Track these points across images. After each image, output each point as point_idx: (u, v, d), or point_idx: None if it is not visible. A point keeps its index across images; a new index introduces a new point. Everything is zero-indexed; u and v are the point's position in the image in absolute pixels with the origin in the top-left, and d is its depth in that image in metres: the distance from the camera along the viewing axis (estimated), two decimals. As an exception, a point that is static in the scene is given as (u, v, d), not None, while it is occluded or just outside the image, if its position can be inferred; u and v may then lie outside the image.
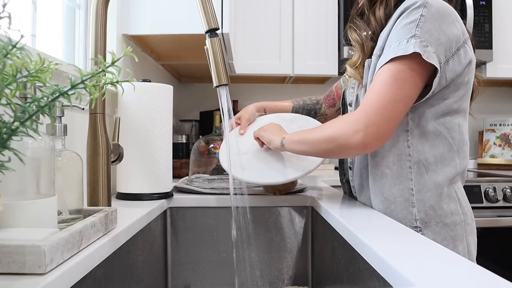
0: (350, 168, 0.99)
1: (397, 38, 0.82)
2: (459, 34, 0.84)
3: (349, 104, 0.99)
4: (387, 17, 0.90)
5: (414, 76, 0.80)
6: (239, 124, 1.18)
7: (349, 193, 1.05)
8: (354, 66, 0.94)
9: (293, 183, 1.11)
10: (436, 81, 0.80)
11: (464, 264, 0.52)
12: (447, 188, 0.86)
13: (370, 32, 0.92)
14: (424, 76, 0.81)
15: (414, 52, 0.77)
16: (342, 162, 1.06)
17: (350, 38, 0.96)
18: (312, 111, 1.26)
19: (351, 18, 0.98)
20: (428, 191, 0.85)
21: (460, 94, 0.86)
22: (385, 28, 0.89)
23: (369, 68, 0.90)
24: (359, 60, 0.93)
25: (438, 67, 0.79)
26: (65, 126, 0.65)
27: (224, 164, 1.06)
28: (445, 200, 0.86)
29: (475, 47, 0.92)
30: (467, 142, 0.90)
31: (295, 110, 1.27)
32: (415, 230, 0.83)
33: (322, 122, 1.15)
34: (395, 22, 0.85)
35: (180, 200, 1.10)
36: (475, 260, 0.88)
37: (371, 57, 0.90)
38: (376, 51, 0.88)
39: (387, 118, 0.79)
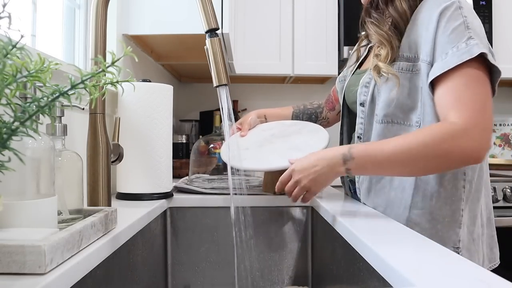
0: None
1: (452, 43, 0.78)
2: (484, 30, 0.83)
3: (360, 104, 0.94)
4: (411, 10, 0.87)
5: (485, 76, 0.77)
6: (240, 130, 1.17)
7: (352, 194, 1.04)
8: (387, 62, 0.87)
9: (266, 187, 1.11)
10: (497, 84, 0.78)
11: (464, 264, 0.52)
12: (479, 201, 0.84)
13: (392, 27, 0.87)
14: (489, 79, 0.78)
15: (479, 54, 0.74)
16: None
17: (371, 33, 0.90)
18: (313, 115, 1.24)
19: (366, 11, 0.93)
20: (472, 211, 0.82)
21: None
22: (415, 28, 0.85)
23: (403, 71, 0.85)
24: (389, 57, 0.87)
25: (500, 70, 0.77)
26: (65, 126, 0.65)
27: (224, 157, 1.06)
28: (478, 213, 0.84)
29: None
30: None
31: (295, 115, 1.25)
32: (456, 251, 0.80)
33: (324, 127, 1.13)
34: (437, 25, 0.80)
35: (180, 200, 1.10)
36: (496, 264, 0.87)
37: (397, 54, 0.86)
38: (423, 56, 0.83)
39: (490, 118, 0.73)
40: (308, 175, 0.81)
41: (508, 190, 1.75)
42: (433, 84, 0.81)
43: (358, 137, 0.95)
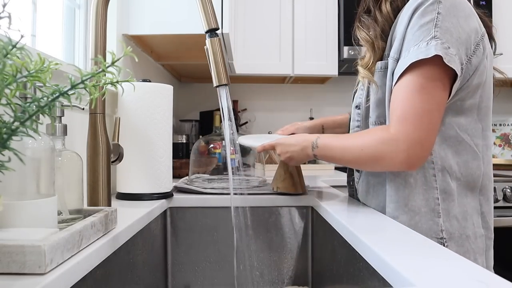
0: (358, 171, 0.97)
1: (416, 41, 0.77)
2: (476, 28, 0.79)
3: (356, 106, 0.95)
4: (395, 12, 0.86)
5: (442, 80, 0.75)
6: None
7: (355, 196, 1.03)
8: (367, 67, 0.89)
9: (294, 187, 1.11)
10: (456, 86, 0.76)
11: (464, 264, 0.52)
12: (471, 199, 0.82)
13: (379, 30, 0.88)
14: (449, 79, 0.76)
15: (435, 55, 0.73)
16: None
17: (359, 38, 0.91)
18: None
19: (358, 16, 0.93)
20: (452, 200, 0.81)
21: (481, 95, 0.82)
22: (396, 26, 0.84)
23: (382, 70, 0.86)
24: (371, 60, 0.88)
25: (459, 73, 0.75)
26: (65, 126, 0.65)
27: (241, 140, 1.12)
28: (470, 211, 0.82)
29: (494, 40, 0.88)
30: (491, 147, 0.86)
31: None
32: (441, 242, 0.79)
33: None
34: (409, 20, 0.80)
35: (180, 200, 1.10)
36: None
37: (382, 58, 0.87)
38: (392, 53, 0.83)
39: (427, 131, 0.75)
40: (286, 152, 0.95)
41: (508, 190, 1.75)
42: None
43: None
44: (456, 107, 0.81)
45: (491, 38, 0.88)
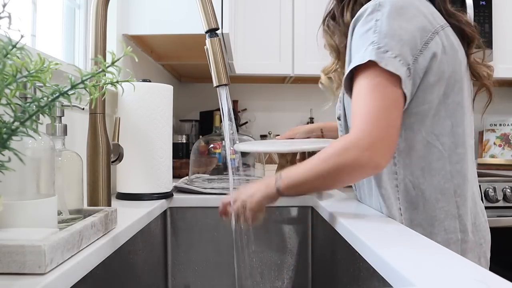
0: None
1: (356, 49, 0.78)
2: (424, 26, 0.77)
3: (338, 118, 0.94)
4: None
5: (389, 80, 0.74)
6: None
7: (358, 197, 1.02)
8: (328, 73, 0.88)
9: None
10: (405, 87, 0.75)
11: (464, 264, 0.52)
12: (444, 203, 0.80)
13: (343, 38, 0.87)
14: (396, 81, 0.75)
15: (369, 60, 0.73)
16: None
17: (325, 42, 0.92)
18: None
19: (324, 20, 0.93)
20: (415, 209, 0.80)
21: (444, 91, 0.79)
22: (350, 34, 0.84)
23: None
24: (333, 66, 0.87)
25: (402, 74, 0.73)
26: (65, 126, 0.65)
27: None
28: (441, 216, 0.79)
29: (477, 39, 0.86)
30: (462, 144, 0.82)
31: None
32: None
33: None
34: (352, 33, 0.81)
35: (180, 200, 1.10)
36: None
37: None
38: (346, 63, 0.83)
39: (386, 127, 0.73)
40: (245, 192, 0.84)
41: (508, 190, 1.75)
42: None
43: None
44: (422, 111, 0.79)
45: (464, 36, 0.86)
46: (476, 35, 0.87)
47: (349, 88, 0.80)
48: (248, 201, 0.83)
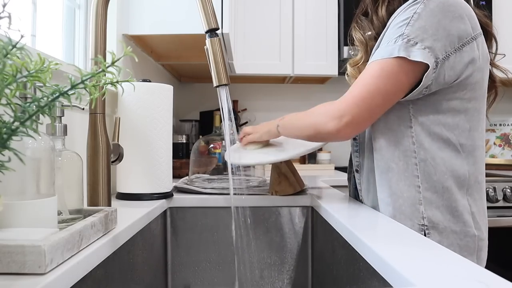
0: (357, 171, 0.98)
1: (388, 37, 0.81)
2: (465, 29, 0.80)
3: None
4: (390, 16, 0.88)
5: (399, 73, 0.79)
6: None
7: (353, 193, 1.03)
8: (355, 65, 0.93)
9: (291, 186, 1.11)
10: (428, 75, 0.78)
11: (464, 264, 0.52)
12: (460, 196, 0.82)
13: (374, 33, 0.90)
14: (413, 73, 0.79)
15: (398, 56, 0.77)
16: (350, 159, 1.05)
17: (354, 38, 0.94)
18: None
19: (356, 17, 0.96)
20: (435, 192, 0.82)
21: (468, 96, 0.82)
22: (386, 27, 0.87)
23: None
24: (361, 60, 0.91)
25: (431, 64, 0.76)
26: (65, 126, 0.65)
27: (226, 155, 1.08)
28: (460, 208, 0.82)
29: (496, 40, 0.90)
30: (479, 148, 0.85)
31: None
32: (422, 229, 0.81)
33: None
34: (392, 20, 0.84)
35: (180, 200, 1.10)
36: None
37: None
38: (373, 50, 0.87)
39: (363, 110, 0.80)
40: (255, 130, 1.06)
41: (508, 190, 1.75)
42: None
43: (353, 138, 0.99)
44: (441, 106, 0.83)
45: (490, 38, 0.89)
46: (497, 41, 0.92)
47: None
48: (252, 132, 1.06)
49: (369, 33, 0.91)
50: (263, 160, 1.04)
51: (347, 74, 0.97)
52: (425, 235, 0.81)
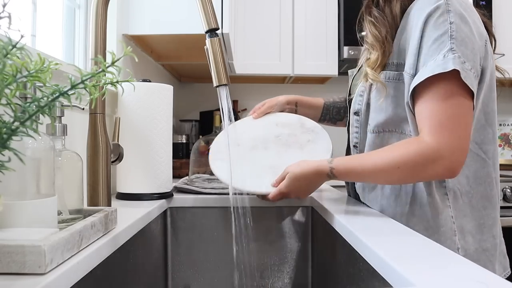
0: None
1: (432, 55, 0.75)
2: (482, 32, 0.78)
3: (355, 113, 0.92)
4: (402, 13, 0.83)
5: (462, 89, 0.73)
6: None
7: (354, 194, 1.03)
8: (374, 67, 0.85)
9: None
10: (475, 103, 0.75)
11: (464, 264, 0.52)
12: (491, 210, 0.82)
13: (389, 31, 0.84)
14: (469, 91, 0.74)
15: (453, 69, 0.71)
16: None
17: (369, 32, 0.86)
18: (341, 110, 1.17)
19: (367, 7, 0.88)
20: (464, 216, 0.80)
21: (485, 99, 0.81)
22: (404, 34, 0.81)
23: (390, 81, 0.83)
24: (378, 62, 0.84)
25: (474, 90, 0.73)
26: (65, 126, 0.65)
27: (211, 152, 1.03)
28: (489, 222, 0.81)
29: (495, 38, 0.87)
30: (498, 150, 0.85)
31: (326, 107, 1.18)
32: None
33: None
34: (422, 34, 0.77)
35: (180, 200, 1.10)
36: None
37: (385, 65, 0.84)
38: (407, 69, 0.80)
39: (465, 136, 0.73)
40: (300, 190, 0.90)
41: (508, 190, 1.75)
42: (413, 98, 0.79)
43: (354, 146, 0.94)
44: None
45: (491, 36, 0.87)
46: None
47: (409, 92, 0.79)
48: (302, 195, 0.91)
49: (385, 30, 0.84)
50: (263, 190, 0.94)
51: (370, 78, 0.85)
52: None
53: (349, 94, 1.03)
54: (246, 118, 1.10)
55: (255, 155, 1.01)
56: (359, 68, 1.02)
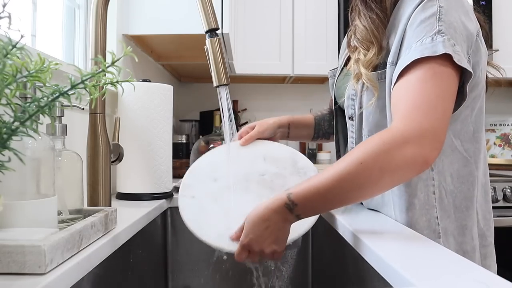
0: None
1: (418, 36, 0.69)
2: (475, 26, 0.74)
3: (349, 118, 0.88)
4: (392, 8, 0.79)
5: (450, 73, 0.67)
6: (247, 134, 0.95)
7: None
8: (370, 65, 0.77)
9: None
10: (469, 86, 0.69)
11: (464, 264, 0.52)
12: (472, 210, 0.77)
13: (382, 27, 0.78)
14: (457, 78, 0.68)
15: (444, 53, 0.65)
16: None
17: (361, 25, 0.79)
18: (332, 121, 1.07)
19: (356, 5, 0.82)
20: (448, 217, 0.76)
21: (475, 95, 0.76)
22: (392, 28, 0.77)
23: (380, 80, 0.77)
24: (371, 61, 0.77)
25: (471, 71, 0.68)
26: (65, 126, 0.65)
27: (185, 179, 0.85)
28: (469, 224, 0.77)
29: (488, 39, 0.81)
30: (483, 149, 0.79)
31: (317, 122, 1.11)
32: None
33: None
34: (408, 19, 0.73)
35: (180, 200, 1.10)
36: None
37: (377, 65, 0.78)
38: (390, 58, 0.75)
39: (441, 119, 0.64)
40: (265, 242, 0.69)
41: (508, 190, 1.75)
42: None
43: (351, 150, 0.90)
44: (455, 114, 0.74)
45: (483, 30, 0.81)
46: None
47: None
48: (276, 247, 0.70)
49: (378, 26, 0.78)
50: None
51: (364, 80, 0.78)
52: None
53: (335, 98, 0.99)
54: (232, 144, 0.89)
55: (231, 197, 0.83)
56: (342, 69, 0.98)
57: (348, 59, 0.95)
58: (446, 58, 0.67)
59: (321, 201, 0.66)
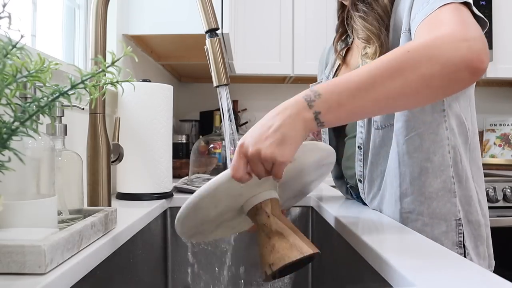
0: (360, 181, 0.90)
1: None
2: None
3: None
4: (392, 3, 0.81)
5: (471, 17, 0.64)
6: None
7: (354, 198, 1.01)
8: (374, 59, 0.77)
9: (294, 247, 0.63)
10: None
11: (464, 264, 0.52)
12: (472, 184, 0.79)
13: (382, 21, 0.80)
14: None
15: (465, 1, 0.63)
16: (341, 176, 1.02)
17: (357, 27, 0.82)
18: None
19: (353, 4, 0.84)
20: (459, 181, 0.76)
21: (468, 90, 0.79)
22: (396, 16, 0.78)
23: None
24: (377, 54, 0.77)
25: (487, 21, 0.66)
26: (65, 126, 0.65)
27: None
28: (473, 196, 0.78)
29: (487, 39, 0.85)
30: (476, 134, 0.82)
31: None
32: (459, 223, 0.76)
33: None
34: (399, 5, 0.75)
35: (180, 200, 1.10)
36: (493, 264, 0.81)
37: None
38: (403, 26, 0.75)
39: (479, 29, 0.61)
40: (266, 141, 0.55)
41: (508, 190, 1.75)
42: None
43: (358, 147, 0.90)
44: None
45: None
46: None
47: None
48: (276, 154, 0.54)
49: (376, 21, 0.79)
50: None
51: None
52: (462, 233, 0.76)
53: None
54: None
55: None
56: (339, 66, 1.00)
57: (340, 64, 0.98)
58: (466, 6, 0.64)
59: (351, 93, 0.54)
